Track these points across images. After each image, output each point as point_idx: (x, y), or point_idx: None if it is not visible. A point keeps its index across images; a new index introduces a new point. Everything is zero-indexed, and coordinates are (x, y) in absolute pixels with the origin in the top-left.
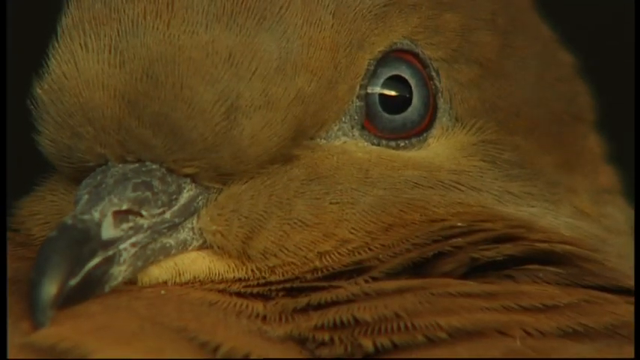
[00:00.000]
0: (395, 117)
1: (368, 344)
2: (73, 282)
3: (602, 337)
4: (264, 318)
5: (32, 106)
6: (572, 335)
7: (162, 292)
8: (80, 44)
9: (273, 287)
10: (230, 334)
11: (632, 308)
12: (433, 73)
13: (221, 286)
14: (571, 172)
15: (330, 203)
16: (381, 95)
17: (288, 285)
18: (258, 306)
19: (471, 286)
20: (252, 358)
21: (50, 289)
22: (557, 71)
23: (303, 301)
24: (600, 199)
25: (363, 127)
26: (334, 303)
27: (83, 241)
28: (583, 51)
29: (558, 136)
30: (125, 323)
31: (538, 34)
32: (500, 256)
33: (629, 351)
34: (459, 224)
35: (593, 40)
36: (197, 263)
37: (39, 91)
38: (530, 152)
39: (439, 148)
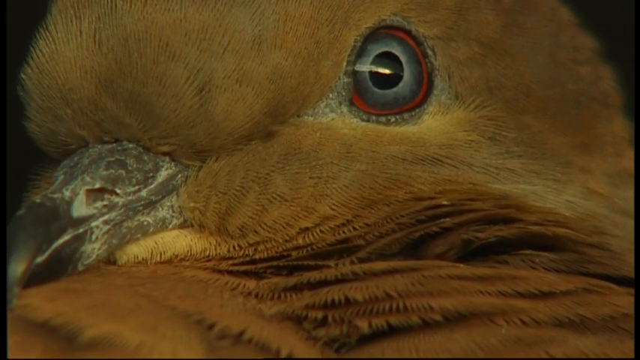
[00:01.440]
0: (386, 92)
1: (363, 325)
2: (40, 259)
3: (604, 331)
4: (257, 296)
5: (20, 93)
6: (571, 325)
7: (158, 271)
8: (62, 28)
9: (260, 265)
10: (226, 312)
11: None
12: (428, 51)
13: (210, 264)
14: (588, 153)
15: (310, 178)
16: (372, 71)
17: (274, 263)
18: (251, 284)
19: (463, 269)
20: (247, 335)
21: (16, 267)
22: (574, 54)
23: (292, 280)
24: (621, 181)
25: (351, 104)
26: (325, 282)
27: (51, 218)
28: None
29: (575, 118)
30: (122, 301)
31: (553, 17)
32: (493, 238)
33: (631, 347)
34: (445, 202)
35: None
36: (178, 241)
37: (23, 76)
38: (542, 132)
39: (433, 123)
